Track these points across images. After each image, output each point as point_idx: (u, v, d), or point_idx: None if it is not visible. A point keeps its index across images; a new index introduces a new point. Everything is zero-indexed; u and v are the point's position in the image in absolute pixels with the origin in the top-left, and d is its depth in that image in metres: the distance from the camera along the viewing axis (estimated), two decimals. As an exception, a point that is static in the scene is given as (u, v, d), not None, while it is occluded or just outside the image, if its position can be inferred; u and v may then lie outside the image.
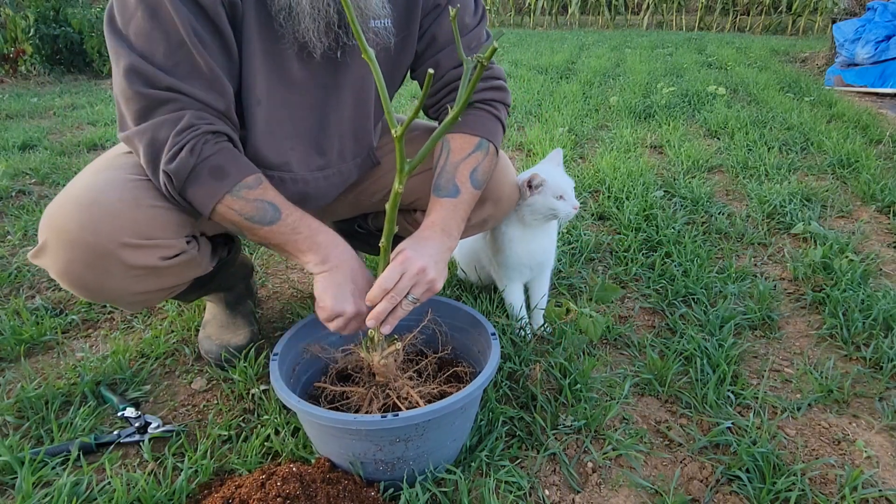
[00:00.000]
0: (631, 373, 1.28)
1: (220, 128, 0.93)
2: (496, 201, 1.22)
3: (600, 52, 6.92)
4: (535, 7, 12.82)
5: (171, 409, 1.20)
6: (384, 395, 0.98)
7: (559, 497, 0.97)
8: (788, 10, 10.52)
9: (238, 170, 0.94)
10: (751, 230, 1.99)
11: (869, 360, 1.30)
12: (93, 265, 0.92)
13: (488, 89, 1.12)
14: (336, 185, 1.21)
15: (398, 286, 0.93)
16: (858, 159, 2.59)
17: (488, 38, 1.14)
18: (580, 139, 3.19)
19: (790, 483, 0.96)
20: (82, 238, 0.90)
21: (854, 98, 4.23)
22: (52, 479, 0.99)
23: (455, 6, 1.03)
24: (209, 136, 0.91)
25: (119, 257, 0.91)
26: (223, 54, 0.93)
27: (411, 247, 0.97)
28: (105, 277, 0.94)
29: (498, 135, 1.13)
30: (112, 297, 1.00)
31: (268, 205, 0.95)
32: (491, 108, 1.12)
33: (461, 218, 1.05)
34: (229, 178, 0.92)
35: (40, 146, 3.13)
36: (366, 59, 0.80)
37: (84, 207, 0.90)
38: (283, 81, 1.01)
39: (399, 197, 0.90)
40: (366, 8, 0.95)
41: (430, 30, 1.07)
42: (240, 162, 0.95)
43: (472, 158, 1.07)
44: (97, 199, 0.91)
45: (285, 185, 1.14)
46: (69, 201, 0.92)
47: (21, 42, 5.63)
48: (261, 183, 0.95)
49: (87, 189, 0.93)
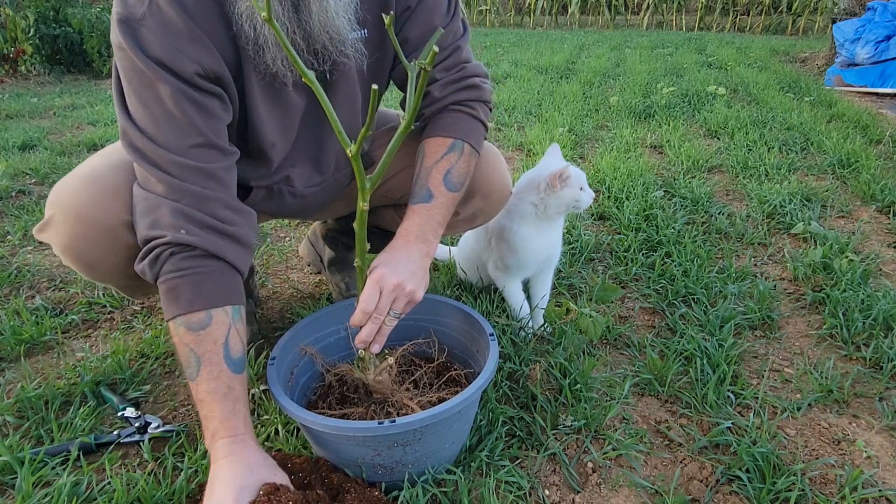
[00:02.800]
0: (631, 373, 1.28)
1: (189, 239, 0.87)
2: (485, 196, 1.21)
3: (600, 52, 6.92)
4: (535, 7, 12.82)
5: (171, 409, 1.20)
6: (384, 412, 0.99)
7: (559, 497, 0.97)
8: (788, 10, 10.52)
9: (188, 301, 0.87)
10: (751, 230, 1.99)
11: (869, 360, 1.30)
12: (97, 241, 0.93)
13: (462, 90, 1.11)
14: (332, 191, 1.24)
15: (379, 306, 0.93)
16: (858, 159, 2.59)
17: (465, 31, 1.12)
18: (580, 139, 3.19)
19: (790, 483, 0.96)
20: (89, 213, 0.92)
21: (854, 98, 4.23)
22: (52, 479, 0.99)
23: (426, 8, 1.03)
24: (176, 249, 0.88)
25: (122, 234, 0.93)
26: (220, 112, 0.93)
27: (384, 262, 0.96)
28: (107, 254, 0.95)
29: (475, 134, 1.11)
30: (110, 277, 1.01)
31: (194, 357, 0.87)
32: (466, 108, 1.11)
33: (437, 222, 1.04)
34: (176, 307, 0.88)
35: (40, 146, 3.13)
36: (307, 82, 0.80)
37: (91, 184, 0.93)
38: (288, 115, 1.03)
39: (365, 215, 0.90)
40: (334, 33, 0.93)
41: (402, 33, 1.07)
42: (199, 290, 0.88)
43: (445, 161, 1.06)
44: (105, 177, 0.94)
45: (284, 198, 1.17)
46: (78, 178, 0.94)
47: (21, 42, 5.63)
48: (204, 327, 0.87)
49: (95, 168, 0.96)
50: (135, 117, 0.88)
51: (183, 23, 0.85)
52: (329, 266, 1.60)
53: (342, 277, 1.57)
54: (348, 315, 0.96)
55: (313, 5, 0.90)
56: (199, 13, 0.87)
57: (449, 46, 1.09)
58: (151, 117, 0.87)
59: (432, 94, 1.10)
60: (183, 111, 0.87)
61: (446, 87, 1.09)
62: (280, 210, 1.22)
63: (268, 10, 0.72)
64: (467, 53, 1.13)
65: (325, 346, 1.15)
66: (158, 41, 0.84)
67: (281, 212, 1.24)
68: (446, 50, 1.09)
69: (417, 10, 1.05)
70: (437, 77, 1.09)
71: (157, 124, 0.88)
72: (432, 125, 1.11)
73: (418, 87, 0.77)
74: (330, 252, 1.60)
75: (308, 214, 1.35)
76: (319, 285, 1.71)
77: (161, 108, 0.87)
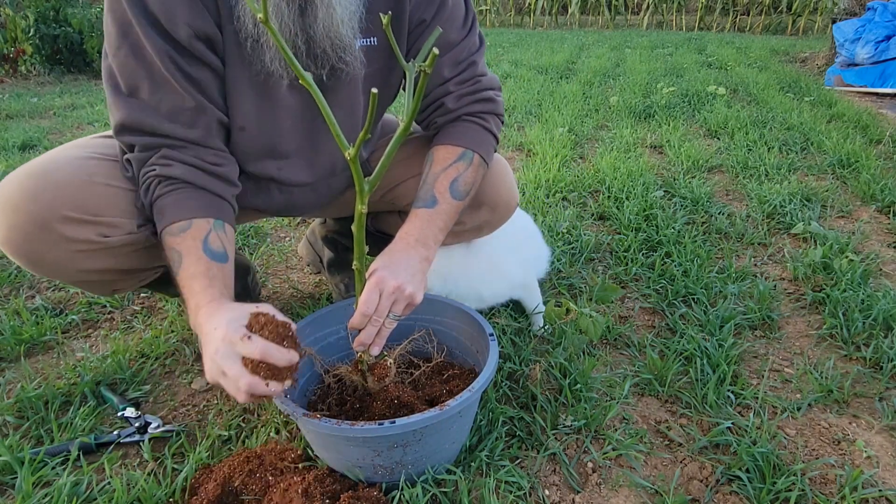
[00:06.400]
0: (631, 373, 1.28)
1: (175, 171, 0.95)
2: (493, 207, 1.22)
3: (600, 52, 6.92)
4: (535, 7, 12.82)
5: (171, 409, 1.20)
6: (385, 411, 0.98)
7: (559, 497, 0.97)
8: (788, 10, 10.52)
9: (172, 213, 0.94)
10: (751, 230, 1.99)
11: (869, 360, 1.30)
12: (32, 234, 0.94)
13: (476, 102, 1.11)
14: (324, 195, 1.23)
15: (378, 309, 0.93)
16: (858, 159, 2.59)
17: (481, 44, 1.13)
18: (580, 139, 3.18)
19: (790, 483, 0.96)
20: (24, 206, 0.92)
21: (854, 98, 4.23)
22: (52, 479, 0.99)
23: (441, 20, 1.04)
24: (161, 180, 0.95)
25: (58, 229, 0.94)
26: (212, 80, 0.96)
27: (384, 265, 0.97)
28: (44, 248, 0.95)
29: (486, 145, 1.12)
30: (55, 271, 1.01)
31: (176, 255, 0.93)
32: (480, 119, 1.11)
33: (439, 228, 1.04)
34: (163, 220, 0.95)
35: (40, 146, 3.13)
36: (304, 84, 0.80)
37: (32, 177, 0.94)
38: (273, 107, 1.03)
39: (363, 218, 0.90)
40: (336, 39, 0.94)
41: (416, 45, 1.07)
42: (178, 206, 0.95)
43: (453, 169, 1.07)
44: (48, 170, 0.95)
45: (271, 193, 1.17)
46: (22, 172, 0.96)
47: (21, 42, 5.63)
48: (185, 230, 0.94)
49: (42, 162, 0.97)
50: (125, 86, 0.92)
51: None
52: (329, 267, 1.60)
53: (342, 278, 1.57)
54: (348, 315, 0.96)
55: (319, 11, 0.90)
56: None
57: (465, 60, 1.09)
58: (149, 81, 0.91)
59: (446, 106, 1.10)
60: (174, 74, 0.91)
61: (460, 98, 1.10)
62: (268, 205, 1.21)
63: (264, 12, 0.72)
64: (483, 67, 1.13)
65: (324, 346, 1.15)
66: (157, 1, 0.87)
67: (269, 207, 1.22)
68: (462, 64, 1.09)
69: (433, 23, 1.05)
70: (451, 90, 1.09)
71: (151, 88, 0.91)
72: (443, 133, 1.11)
73: (417, 90, 0.77)
74: (329, 253, 1.60)
75: (300, 212, 1.34)
76: (319, 285, 1.71)
77: (151, 71, 0.91)
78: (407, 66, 0.80)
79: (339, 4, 0.92)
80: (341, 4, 0.92)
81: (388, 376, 1.00)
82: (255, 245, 1.99)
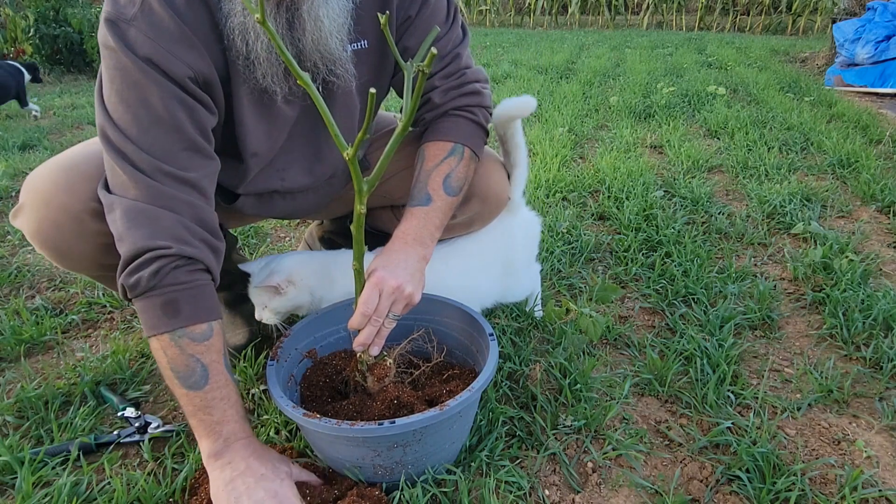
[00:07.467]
0: (631, 373, 1.28)
1: (194, 252, 0.87)
2: (483, 199, 1.22)
3: (600, 52, 6.92)
4: (535, 7, 12.82)
5: (171, 409, 1.20)
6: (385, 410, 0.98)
7: (559, 497, 0.97)
8: (788, 10, 10.51)
9: (192, 313, 0.87)
10: (751, 230, 1.99)
11: (869, 360, 1.30)
12: (63, 226, 0.93)
13: (462, 95, 1.11)
14: (325, 196, 1.24)
15: (378, 309, 0.94)
16: (858, 159, 2.59)
17: (465, 36, 1.13)
18: (580, 139, 3.18)
19: (790, 483, 0.96)
20: (56, 197, 0.92)
21: (854, 98, 4.23)
22: (52, 479, 0.99)
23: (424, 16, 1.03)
24: (181, 262, 0.87)
25: (88, 220, 0.93)
26: (207, 117, 0.93)
27: (382, 265, 0.97)
28: (74, 240, 0.95)
29: (475, 138, 1.12)
30: (81, 265, 1.01)
31: (200, 367, 0.87)
32: (468, 113, 1.12)
33: (435, 226, 1.05)
34: (177, 319, 0.87)
35: (40, 146, 3.13)
36: (301, 84, 0.81)
37: (62, 169, 0.94)
38: (272, 125, 1.02)
39: (362, 218, 0.90)
40: (326, 52, 0.94)
41: (402, 41, 1.07)
42: (199, 304, 0.88)
43: (445, 164, 1.07)
44: (77, 163, 0.95)
45: (274, 202, 1.17)
46: (51, 164, 0.96)
47: (21, 42, 5.63)
48: (208, 338, 0.89)
49: (70, 155, 0.97)
50: (116, 118, 0.86)
51: (176, 26, 0.85)
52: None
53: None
54: (347, 315, 0.96)
55: (308, 24, 0.90)
56: (191, 19, 0.87)
57: (448, 54, 1.09)
58: (135, 119, 0.85)
59: (433, 101, 1.10)
60: (172, 114, 0.86)
61: (447, 93, 1.10)
62: (271, 211, 1.22)
63: (261, 13, 0.72)
64: (467, 59, 1.13)
65: (324, 346, 1.15)
66: (150, 42, 0.84)
67: (272, 213, 1.24)
68: (446, 58, 1.09)
69: (417, 19, 1.05)
70: (437, 84, 1.09)
71: (141, 127, 0.86)
72: (432, 129, 1.11)
73: (415, 89, 0.77)
74: (328, 253, 1.60)
75: (301, 215, 1.35)
76: (319, 285, 1.71)
77: (147, 110, 0.85)
78: (406, 67, 0.80)
79: (326, 17, 0.91)
80: (329, 17, 0.92)
81: (387, 376, 1.01)
82: (255, 245, 1.99)
